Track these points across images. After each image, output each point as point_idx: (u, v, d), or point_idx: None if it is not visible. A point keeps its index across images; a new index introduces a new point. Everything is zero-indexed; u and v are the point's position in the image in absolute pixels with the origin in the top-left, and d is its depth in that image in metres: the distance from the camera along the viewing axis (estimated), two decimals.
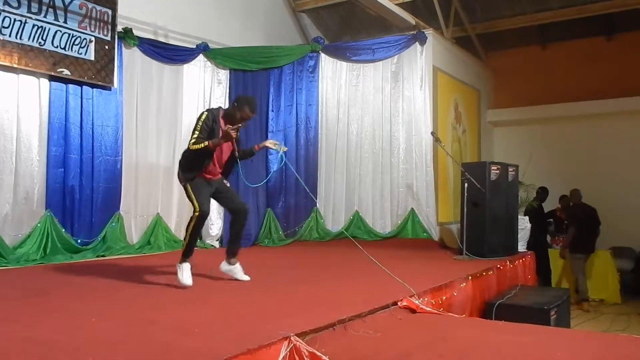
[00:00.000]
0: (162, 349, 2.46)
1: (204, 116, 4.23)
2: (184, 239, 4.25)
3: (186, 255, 4.17)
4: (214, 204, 4.86)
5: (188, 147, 4.22)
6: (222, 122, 4.30)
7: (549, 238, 8.57)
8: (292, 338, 2.53)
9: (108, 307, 3.40)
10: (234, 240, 4.49)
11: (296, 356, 2.50)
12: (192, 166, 4.27)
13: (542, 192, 8.58)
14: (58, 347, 2.49)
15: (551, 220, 8.71)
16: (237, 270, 4.42)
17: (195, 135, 4.17)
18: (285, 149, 4.64)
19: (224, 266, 4.45)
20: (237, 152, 4.39)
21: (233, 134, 4.13)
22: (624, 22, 8.97)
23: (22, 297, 3.75)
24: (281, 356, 2.46)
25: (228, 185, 4.56)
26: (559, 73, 9.51)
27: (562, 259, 7.88)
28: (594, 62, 9.27)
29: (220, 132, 4.23)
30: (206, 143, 4.14)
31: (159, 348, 2.48)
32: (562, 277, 8.04)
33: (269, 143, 4.58)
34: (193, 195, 4.20)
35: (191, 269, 4.15)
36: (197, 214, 4.13)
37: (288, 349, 2.49)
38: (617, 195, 8.74)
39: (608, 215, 8.02)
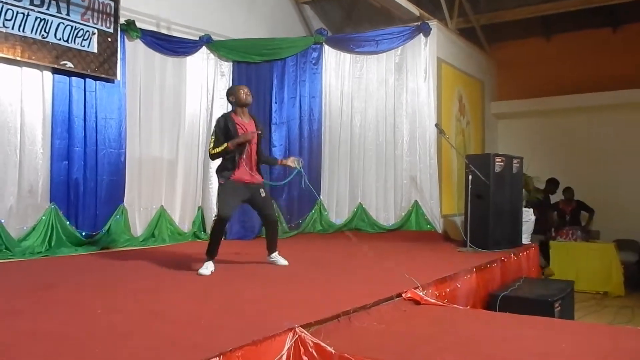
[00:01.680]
0: (167, 341, 2.47)
1: (215, 122, 4.54)
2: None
3: (209, 255, 4.38)
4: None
5: (209, 153, 4.48)
6: (235, 118, 4.52)
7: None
8: (297, 329, 2.54)
9: (113, 300, 3.41)
10: (269, 241, 4.85)
11: (301, 347, 2.51)
12: (224, 166, 4.47)
13: (551, 184, 8.52)
14: (63, 339, 2.50)
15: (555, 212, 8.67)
16: (276, 259, 4.79)
17: (212, 140, 4.45)
18: (302, 163, 4.89)
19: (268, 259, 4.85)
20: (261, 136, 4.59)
21: (254, 138, 4.43)
22: (630, 13, 8.88)
23: (27, 289, 3.77)
24: (286, 347, 2.46)
25: (263, 195, 4.65)
26: (563, 65, 9.43)
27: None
28: (599, 54, 9.20)
29: (238, 128, 4.43)
30: (225, 145, 4.36)
31: (164, 340, 2.48)
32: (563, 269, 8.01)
33: (290, 162, 4.78)
34: (217, 199, 4.52)
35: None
36: (215, 217, 4.46)
37: (293, 340, 2.50)
38: (622, 188, 8.71)
39: (612, 208, 7.97)
